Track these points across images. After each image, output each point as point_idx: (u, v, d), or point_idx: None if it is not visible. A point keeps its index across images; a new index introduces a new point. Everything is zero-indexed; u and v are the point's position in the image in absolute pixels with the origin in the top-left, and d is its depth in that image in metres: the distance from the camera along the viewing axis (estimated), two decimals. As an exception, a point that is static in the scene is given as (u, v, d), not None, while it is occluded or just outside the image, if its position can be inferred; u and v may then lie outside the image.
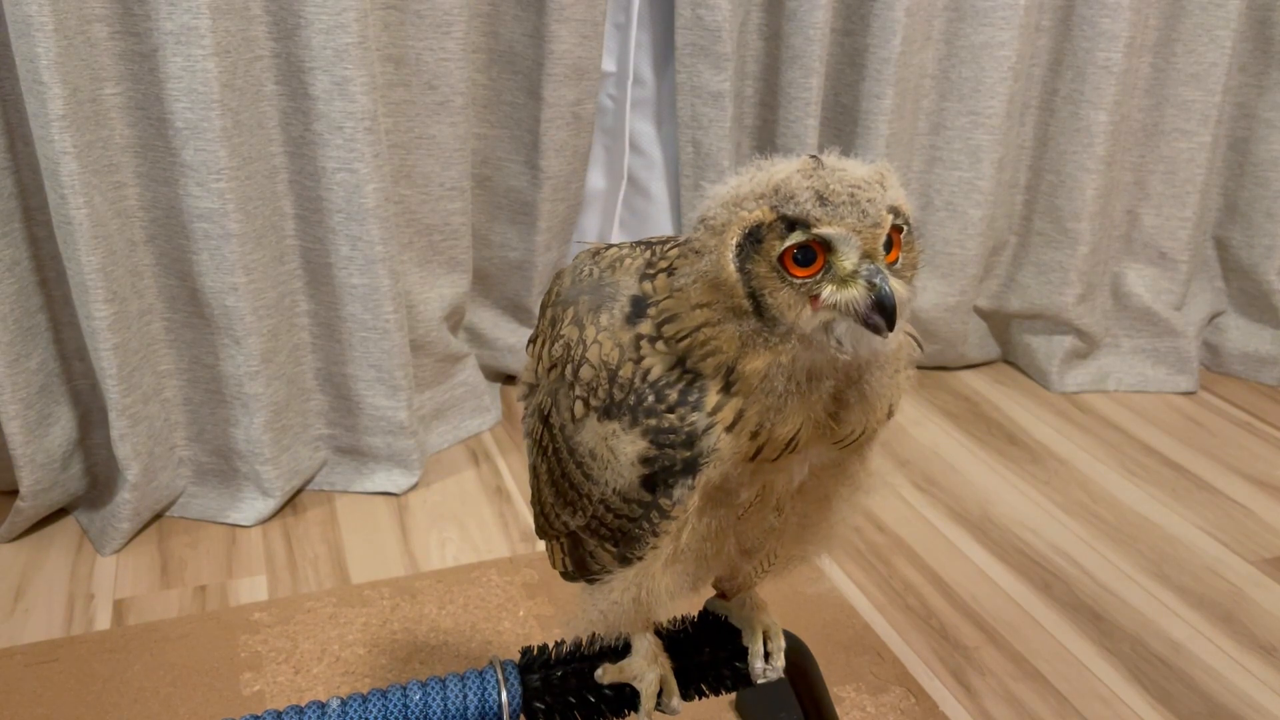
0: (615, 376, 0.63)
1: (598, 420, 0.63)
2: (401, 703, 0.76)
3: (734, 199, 0.59)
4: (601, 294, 0.66)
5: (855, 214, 0.56)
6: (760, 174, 0.59)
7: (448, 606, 1.35)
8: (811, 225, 0.56)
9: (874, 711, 1.19)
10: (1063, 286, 1.92)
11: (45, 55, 1.21)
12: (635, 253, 0.68)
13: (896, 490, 1.64)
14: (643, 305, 0.63)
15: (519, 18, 1.63)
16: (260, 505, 1.53)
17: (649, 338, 0.62)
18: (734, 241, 0.58)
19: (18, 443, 1.40)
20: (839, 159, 0.59)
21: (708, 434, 0.60)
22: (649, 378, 0.61)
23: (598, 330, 0.65)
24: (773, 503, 0.67)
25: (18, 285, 1.39)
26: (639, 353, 0.62)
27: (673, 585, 0.69)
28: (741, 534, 0.69)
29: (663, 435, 0.61)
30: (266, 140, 1.43)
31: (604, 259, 0.69)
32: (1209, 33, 1.83)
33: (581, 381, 0.65)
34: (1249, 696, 1.23)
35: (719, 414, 0.60)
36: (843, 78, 1.82)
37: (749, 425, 0.60)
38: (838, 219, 0.56)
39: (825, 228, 0.56)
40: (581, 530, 0.69)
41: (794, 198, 0.56)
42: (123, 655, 1.25)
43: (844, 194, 0.56)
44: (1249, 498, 1.63)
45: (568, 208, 1.78)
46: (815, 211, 0.56)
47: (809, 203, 0.56)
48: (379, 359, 1.54)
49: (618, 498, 0.64)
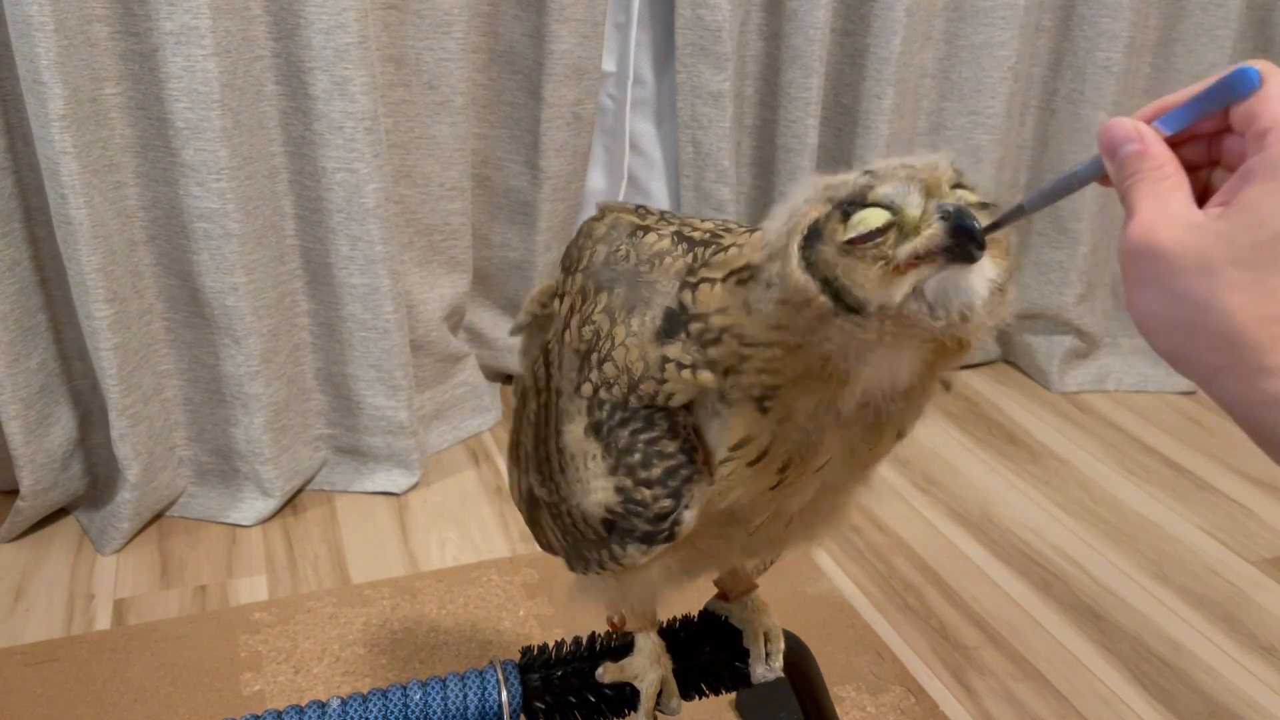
0: (636, 387, 0.61)
1: (583, 432, 0.63)
2: (401, 703, 0.76)
3: (787, 218, 0.55)
4: (638, 291, 0.63)
5: (908, 168, 0.53)
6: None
7: (448, 606, 1.35)
8: (867, 196, 0.52)
9: (874, 711, 1.19)
10: (1063, 286, 1.92)
11: (45, 55, 1.21)
12: (677, 250, 0.63)
13: (896, 490, 1.64)
14: (676, 320, 0.59)
15: (519, 18, 1.63)
16: (260, 505, 1.53)
17: (676, 363, 0.59)
18: (797, 245, 0.53)
19: (18, 442, 1.40)
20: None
21: (678, 514, 0.60)
22: (651, 429, 0.60)
23: (627, 333, 0.62)
24: (785, 520, 0.67)
25: (18, 285, 1.39)
26: (663, 374, 0.60)
27: (674, 577, 0.69)
28: (748, 545, 0.69)
29: (631, 503, 0.61)
30: (267, 140, 1.43)
31: (643, 245, 0.65)
32: (1209, 33, 1.83)
33: (604, 376, 0.63)
34: (1249, 696, 1.23)
35: (741, 449, 0.58)
36: (843, 78, 1.82)
37: (776, 461, 0.58)
38: (891, 174, 0.52)
39: (880, 186, 0.52)
40: (545, 504, 0.69)
41: (843, 184, 0.53)
42: (123, 655, 1.25)
43: (893, 165, 0.53)
44: (1249, 498, 1.63)
45: (568, 208, 1.78)
46: (866, 183, 0.53)
47: (858, 182, 0.53)
48: (379, 359, 1.54)
49: (579, 513, 0.64)
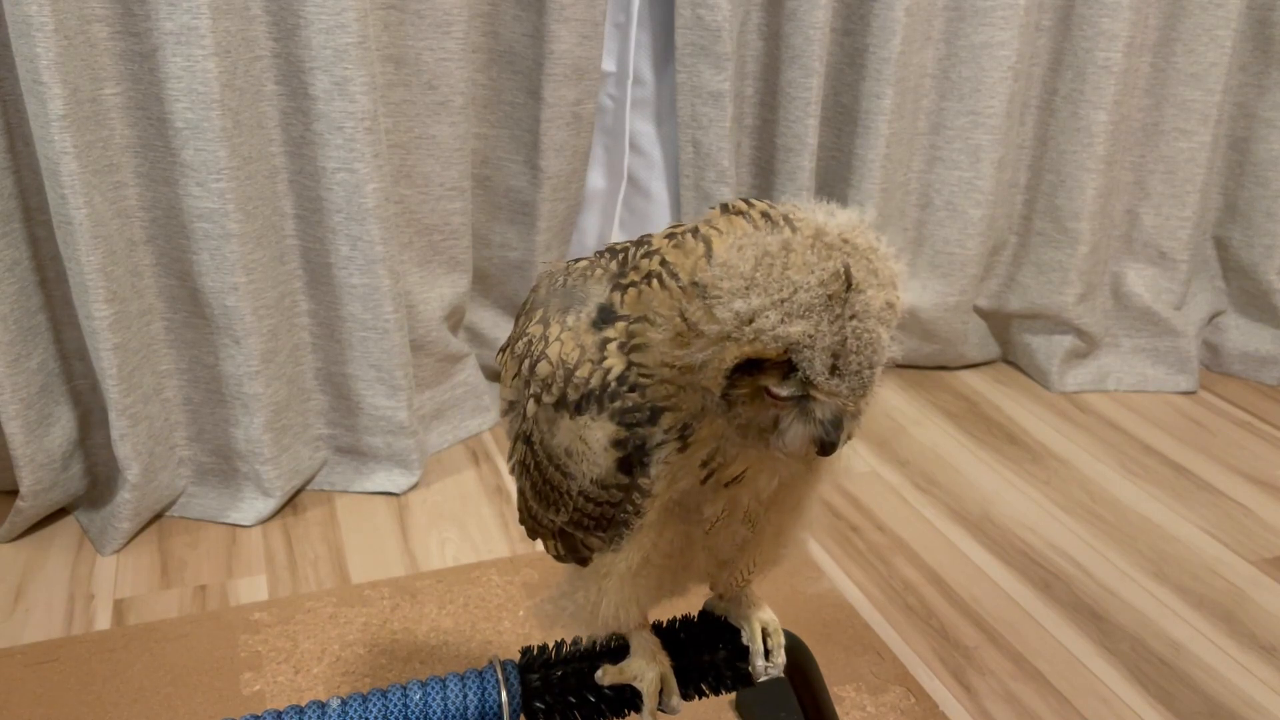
0: (571, 376, 0.64)
1: (570, 418, 0.64)
2: (401, 703, 0.76)
3: (749, 316, 0.55)
4: (571, 297, 0.67)
5: (855, 385, 0.56)
6: (781, 277, 0.55)
7: (448, 606, 1.35)
8: (815, 388, 0.56)
9: (874, 711, 1.19)
10: (1063, 286, 1.92)
11: (45, 55, 1.21)
12: (604, 261, 0.68)
13: (896, 490, 1.64)
14: (610, 314, 0.64)
15: (519, 18, 1.63)
16: (260, 505, 1.53)
17: (619, 342, 0.62)
18: (735, 363, 0.56)
19: (18, 443, 1.40)
20: (866, 254, 0.56)
21: (664, 420, 0.62)
22: (609, 375, 0.62)
23: (562, 329, 0.66)
24: (740, 516, 0.68)
25: (18, 285, 1.39)
26: (603, 353, 0.63)
27: (635, 599, 0.71)
28: (713, 548, 0.70)
29: (628, 415, 0.62)
30: (266, 140, 1.43)
31: (575, 270, 0.70)
32: (1209, 33, 1.83)
33: (537, 377, 0.66)
34: (1249, 696, 1.23)
35: (670, 432, 0.62)
36: (843, 78, 1.82)
37: (699, 453, 0.62)
38: (837, 391, 0.56)
39: (822, 395, 0.56)
40: (567, 525, 0.70)
41: (812, 360, 0.55)
42: (123, 655, 1.25)
43: (854, 364, 0.55)
44: (1249, 498, 1.63)
45: (568, 208, 1.78)
46: (823, 380, 0.55)
47: (822, 371, 0.55)
48: (379, 359, 1.54)
49: (596, 487, 0.65)
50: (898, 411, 1.87)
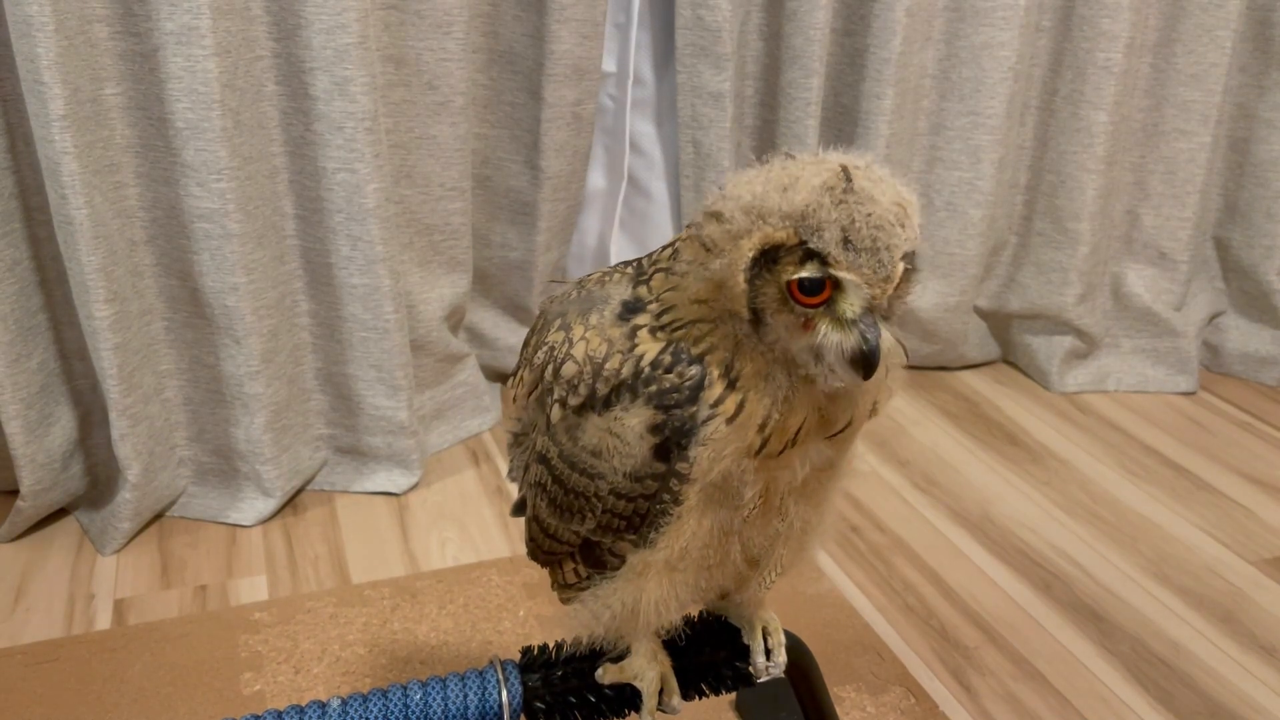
0: (600, 370, 0.63)
1: (598, 415, 0.64)
2: (401, 702, 0.76)
3: (757, 209, 0.58)
4: (592, 300, 0.67)
5: (873, 263, 0.57)
6: (785, 176, 0.59)
7: (448, 606, 1.35)
8: (830, 265, 0.57)
9: (874, 711, 1.19)
10: (1063, 286, 1.92)
11: (46, 55, 1.21)
12: (621, 269, 0.69)
13: (896, 490, 1.64)
14: (637, 304, 0.64)
15: (519, 18, 1.63)
16: (260, 505, 1.53)
17: (649, 328, 0.63)
18: (751, 255, 0.58)
19: (18, 443, 1.40)
20: (868, 171, 0.59)
21: (708, 395, 0.61)
22: (643, 362, 0.62)
23: (585, 329, 0.65)
24: (776, 504, 0.67)
25: (18, 285, 1.39)
26: (633, 341, 0.63)
27: (675, 595, 0.69)
28: (747, 540, 0.69)
29: (666, 396, 0.62)
30: (267, 140, 1.43)
31: (590, 280, 0.70)
32: (1209, 33, 1.83)
33: (562, 380, 0.65)
34: (1249, 697, 1.23)
35: (720, 406, 0.61)
36: (843, 78, 1.82)
37: (755, 418, 0.61)
38: (856, 266, 0.57)
39: (842, 272, 0.57)
40: (593, 533, 0.69)
41: (821, 230, 0.56)
42: (123, 655, 1.26)
43: (867, 238, 0.56)
44: (1249, 498, 1.63)
45: (568, 208, 1.78)
46: (837, 253, 0.56)
47: (834, 242, 0.56)
48: (379, 359, 1.54)
49: (629, 481, 0.64)
50: (898, 411, 1.87)
